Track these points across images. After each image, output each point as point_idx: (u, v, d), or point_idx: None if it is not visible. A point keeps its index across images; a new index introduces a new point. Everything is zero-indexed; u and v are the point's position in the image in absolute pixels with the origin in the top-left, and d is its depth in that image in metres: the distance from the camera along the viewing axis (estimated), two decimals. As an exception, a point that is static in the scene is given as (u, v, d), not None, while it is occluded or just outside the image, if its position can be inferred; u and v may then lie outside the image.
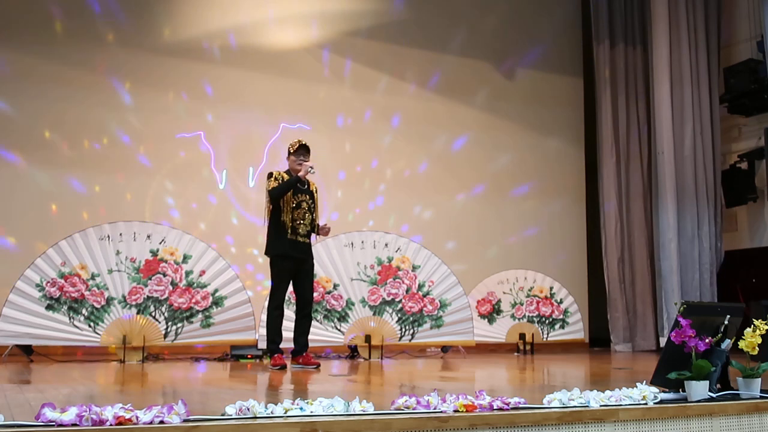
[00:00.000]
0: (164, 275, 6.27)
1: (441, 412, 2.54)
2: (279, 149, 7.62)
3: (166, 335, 6.21)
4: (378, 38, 8.55)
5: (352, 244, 6.94)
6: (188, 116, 7.64)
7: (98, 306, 6.08)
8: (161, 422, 2.21)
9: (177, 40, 7.66)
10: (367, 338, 6.77)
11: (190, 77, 7.68)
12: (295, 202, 5.55)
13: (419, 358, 7.25)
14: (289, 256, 5.53)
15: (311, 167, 5.51)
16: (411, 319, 6.96)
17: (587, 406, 2.75)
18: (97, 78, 7.30)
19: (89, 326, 6.04)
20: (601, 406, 2.77)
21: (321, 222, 5.82)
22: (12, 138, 6.94)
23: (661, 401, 2.94)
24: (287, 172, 5.63)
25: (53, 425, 2.14)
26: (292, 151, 5.61)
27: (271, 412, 2.41)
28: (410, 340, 6.98)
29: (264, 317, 5.71)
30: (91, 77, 7.28)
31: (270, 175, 5.63)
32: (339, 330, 6.72)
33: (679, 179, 8.74)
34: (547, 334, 7.99)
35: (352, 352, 6.94)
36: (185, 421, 2.25)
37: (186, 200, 7.55)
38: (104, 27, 7.36)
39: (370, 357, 6.72)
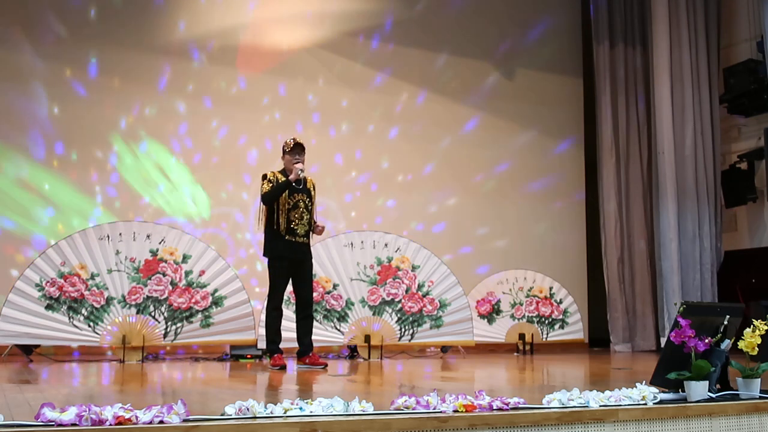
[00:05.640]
0: (164, 275, 6.27)
1: (440, 412, 2.54)
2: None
3: (165, 335, 6.20)
4: (377, 38, 8.55)
5: (351, 244, 6.94)
6: (187, 116, 7.64)
7: (98, 306, 6.08)
8: (161, 422, 2.21)
9: (177, 40, 7.66)
10: (367, 338, 6.77)
11: (190, 77, 7.68)
12: (291, 202, 5.49)
13: (419, 358, 7.25)
14: (287, 258, 5.50)
15: (301, 169, 5.45)
16: (411, 319, 6.95)
17: (587, 407, 2.75)
18: (96, 78, 7.30)
19: (89, 326, 6.04)
20: (600, 406, 2.77)
21: (317, 220, 5.76)
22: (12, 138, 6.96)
23: (661, 401, 2.94)
24: (282, 171, 5.57)
25: (53, 425, 2.14)
26: (287, 150, 5.53)
27: (271, 412, 2.41)
28: (410, 340, 6.98)
29: (263, 317, 5.70)
30: (91, 77, 7.27)
31: (264, 176, 5.56)
32: (338, 330, 6.72)
33: (679, 179, 8.74)
34: (547, 334, 7.98)
35: (352, 352, 6.94)
36: (185, 421, 2.25)
37: (183, 201, 7.55)
38: (101, 27, 7.36)
39: (369, 357, 6.72)
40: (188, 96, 7.66)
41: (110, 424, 2.17)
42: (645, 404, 2.87)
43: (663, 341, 8.05)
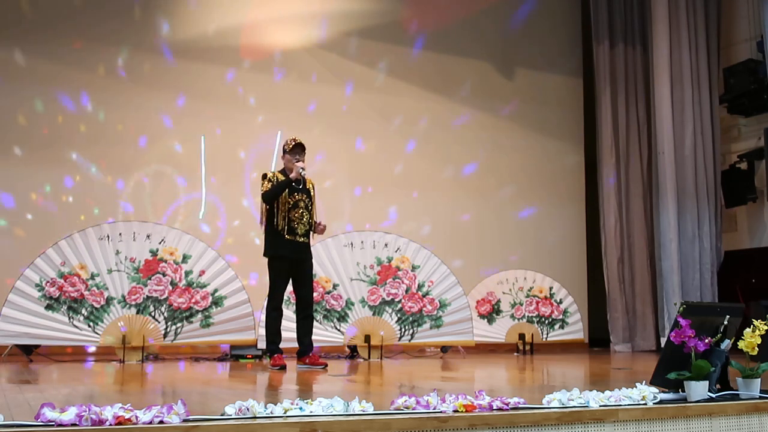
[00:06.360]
0: (164, 275, 6.27)
1: (440, 412, 2.54)
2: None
3: (165, 335, 6.20)
4: (377, 38, 8.55)
5: (351, 244, 6.94)
6: (187, 116, 7.64)
7: (98, 306, 6.08)
8: (161, 422, 2.21)
9: (178, 40, 7.66)
10: (367, 338, 6.76)
11: (191, 77, 7.68)
12: (291, 201, 5.49)
13: (419, 358, 7.25)
14: (287, 257, 5.49)
15: (303, 168, 5.46)
16: (410, 319, 6.95)
17: (587, 407, 2.75)
18: (96, 78, 7.30)
19: (89, 326, 6.04)
20: (600, 406, 2.77)
21: (318, 219, 5.75)
22: (12, 137, 6.96)
23: (661, 401, 2.94)
24: (282, 171, 5.57)
25: (53, 425, 2.14)
26: (287, 149, 5.54)
27: (271, 412, 2.41)
28: (410, 340, 6.98)
29: (263, 317, 5.70)
30: (89, 77, 7.27)
31: (264, 176, 5.56)
32: (338, 330, 6.72)
33: (679, 179, 8.74)
34: (547, 334, 7.98)
35: (352, 352, 6.93)
36: (185, 421, 2.25)
37: (182, 201, 7.55)
38: (102, 26, 7.36)
39: (369, 357, 6.72)
40: (188, 96, 7.66)
41: (110, 424, 2.17)
42: (645, 404, 2.86)
43: (663, 341, 8.05)
